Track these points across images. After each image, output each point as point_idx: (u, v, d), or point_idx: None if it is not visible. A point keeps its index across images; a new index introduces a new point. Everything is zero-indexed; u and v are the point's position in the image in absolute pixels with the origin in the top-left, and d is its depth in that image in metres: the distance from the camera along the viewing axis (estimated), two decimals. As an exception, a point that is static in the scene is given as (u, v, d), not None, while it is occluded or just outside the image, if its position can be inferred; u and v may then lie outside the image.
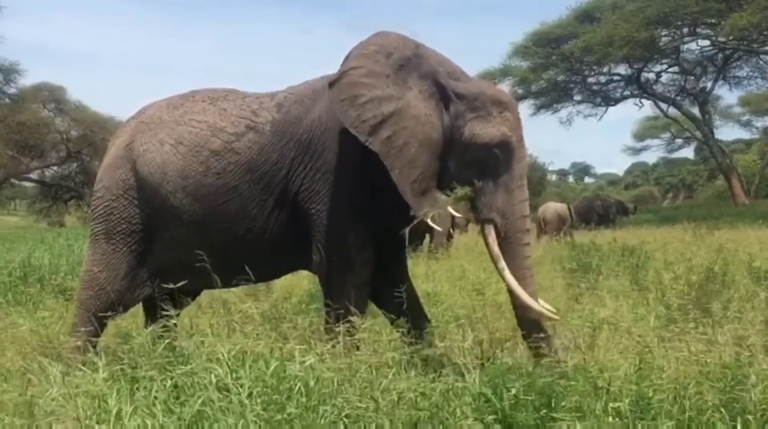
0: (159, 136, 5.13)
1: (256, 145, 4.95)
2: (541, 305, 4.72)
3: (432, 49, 5.05)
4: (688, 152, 55.79)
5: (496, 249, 4.73)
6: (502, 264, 4.70)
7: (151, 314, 5.37)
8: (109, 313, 5.17)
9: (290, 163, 4.93)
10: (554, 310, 4.84)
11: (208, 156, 4.98)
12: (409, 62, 4.90)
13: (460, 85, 4.89)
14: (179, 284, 4.91)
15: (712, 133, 39.12)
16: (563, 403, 3.77)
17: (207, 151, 4.99)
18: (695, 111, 39.27)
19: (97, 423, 3.68)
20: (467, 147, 4.78)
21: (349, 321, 4.51)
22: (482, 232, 4.86)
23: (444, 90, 4.87)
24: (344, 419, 3.68)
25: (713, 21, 33.79)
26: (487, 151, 4.74)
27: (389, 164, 4.73)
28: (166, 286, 5.11)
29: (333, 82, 4.82)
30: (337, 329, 4.46)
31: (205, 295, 6.04)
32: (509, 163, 4.75)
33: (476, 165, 4.77)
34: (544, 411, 3.74)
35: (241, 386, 3.76)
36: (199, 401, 3.69)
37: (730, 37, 33.66)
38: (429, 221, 4.87)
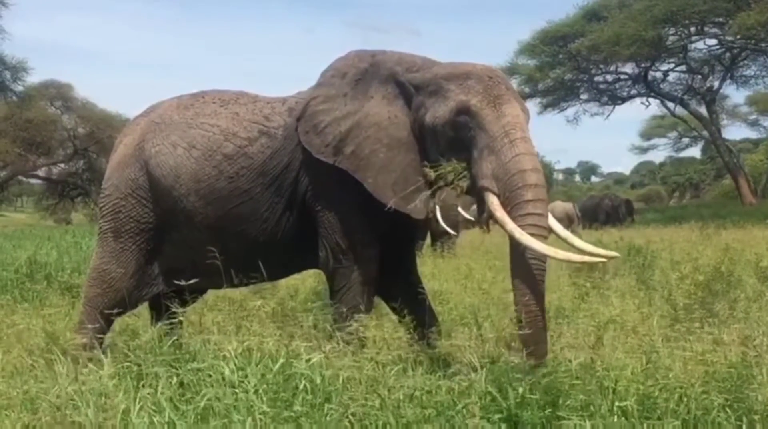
0: (171, 138, 5.14)
1: (268, 150, 4.98)
2: (582, 250, 4.47)
3: (392, 52, 5.05)
4: (695, 151, 55.81)
5: (499, 213, 4.36)
6: (510, 225, 4.29)
7: (157, 312, 5.38)
8: (116, 311, 5.19)
9: (300, 165, 4.96)
10: (611, 254, 4.61)
11: (221, 160, 5.00)
12: (366, 73, 4.94)
13: (418, 76, 4.85)
14: (189, 283, 4.92)
15: (720, 132, 38.96)
16: (569, 402, 3.77)
17: (220, 155, 5.01)
18: (702, 110, 39.12)
19: (104, 419, 3.69)
20: (434, 133, 4.68)
21: (356, 318, 4.52)
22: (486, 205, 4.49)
23: (404, 87, 4.86)
24: (350, 417, 3.69)
25: (721, 20, 33.70)
26: (452, 126, 4.60)
27: (360, 177, 4.74)
28: (174, 284, 5.14)
29: (299, 118, 4.91)
30: (345, 327, 4.46)
31: (212, 293, 6.06)
32: (482, 126, 4.51)
33: (453, 145, 4.62)
34: (550, 410, 3.74)
35: (248, 383, 3.77)
36: (205, 398, 3.71)
37: (738, 36, 33.54)
38: (439, 218, 4.87)
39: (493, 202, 4.42)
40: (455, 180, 4.61)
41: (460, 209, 5.77)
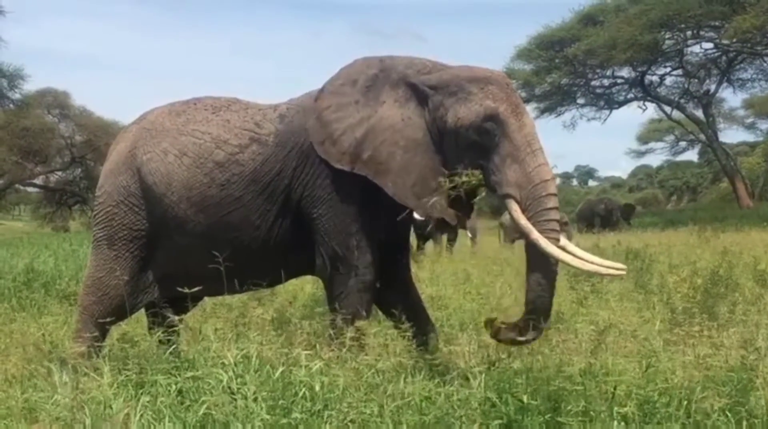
0: (162, 145, 5.14)
1: (260, 157, 4.97)
2: (592, 262, 4.68)
3: (400, 56, 5.05)
4: (692, 155, 55.73)
5: (523, 221, 4.51)
6: (535, 234, 4.46)
7: (154, 319, 5.37)
8: (111, 319, 5.17)
9: (293, 172, 4.95)
10: (618, 266, 4.76)
11: (213, 168, 4.99)
12: (376, 79, 4.92)
13: (432, 77, 4.86)
14: (184, 290, 4.90)
15: (716, 135, 38.99)
16: (569, 408, 3.76)
17: (211, 162, 5.00)
18: (699, 114, 39.16)
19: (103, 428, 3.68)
20: (456, 133, 4.70)
21: (355, 325, 4.51)
22: (508, 210, 4.64)
23: (417, 89, 4.85)
24: (349, 424, 3.68)
25: (717, 24, 33.77)
26: (477, 130, 4.64)
27: (380, 182, 4.74)
28: (169, 291, 5.13)
29: (310, 129, 4.90)
30: (344, 333, 4.46)
31: (210, 300, 6.04)
32: (507, 134, 4.60)
33: (473, 148, 4.67)
34: (550, 415, 3.74)
35: (247, 391, 3.76)
36: (204, 406, 3.70)
37: (734, 40, 33.57)
38: (448, 217, 4.88)
39: (516, 210, 4.56)
40: (475, 188, 4.76)
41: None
